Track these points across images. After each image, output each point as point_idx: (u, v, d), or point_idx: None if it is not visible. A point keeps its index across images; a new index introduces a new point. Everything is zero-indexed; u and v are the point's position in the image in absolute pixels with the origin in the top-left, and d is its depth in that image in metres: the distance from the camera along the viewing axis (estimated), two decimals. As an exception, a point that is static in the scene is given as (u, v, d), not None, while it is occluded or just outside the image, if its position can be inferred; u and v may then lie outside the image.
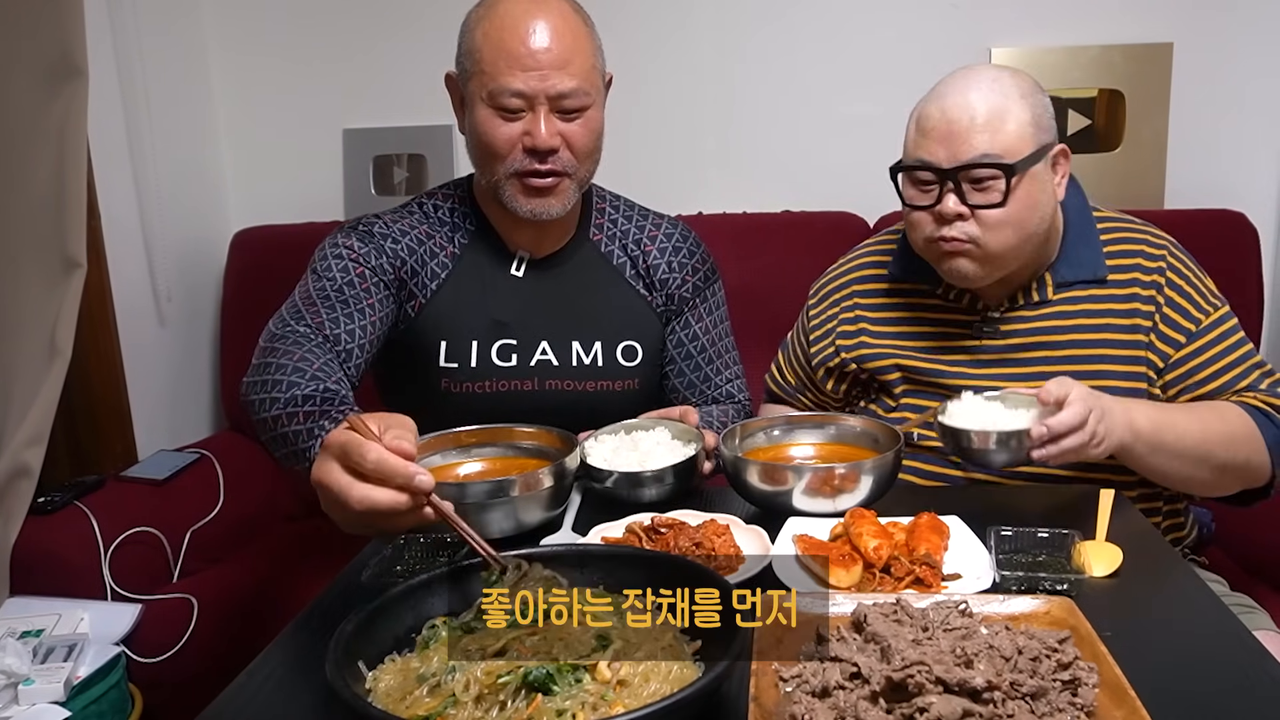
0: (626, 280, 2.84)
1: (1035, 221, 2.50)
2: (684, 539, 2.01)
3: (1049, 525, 1.99)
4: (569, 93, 2.53)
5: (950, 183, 2.45)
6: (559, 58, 2.51)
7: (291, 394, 2.24)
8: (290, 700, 1.62)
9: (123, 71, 3.94)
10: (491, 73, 2.52)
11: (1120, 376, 2.57)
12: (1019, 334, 2.63)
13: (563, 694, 1.36)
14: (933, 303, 2.76)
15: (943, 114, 2.47)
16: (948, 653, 1.39)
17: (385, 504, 1.74)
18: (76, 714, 2.71)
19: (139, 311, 4.04)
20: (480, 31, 2.55)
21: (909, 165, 2.54)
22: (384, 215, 2.78)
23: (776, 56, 4.33)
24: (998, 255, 2.49)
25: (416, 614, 1.63)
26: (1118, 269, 2.62)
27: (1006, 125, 2.42)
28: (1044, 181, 2.51)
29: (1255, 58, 4.12)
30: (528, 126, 2.54)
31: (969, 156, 2.42)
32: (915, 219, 2.57)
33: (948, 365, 2.68)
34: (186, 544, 3.47)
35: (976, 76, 2.50)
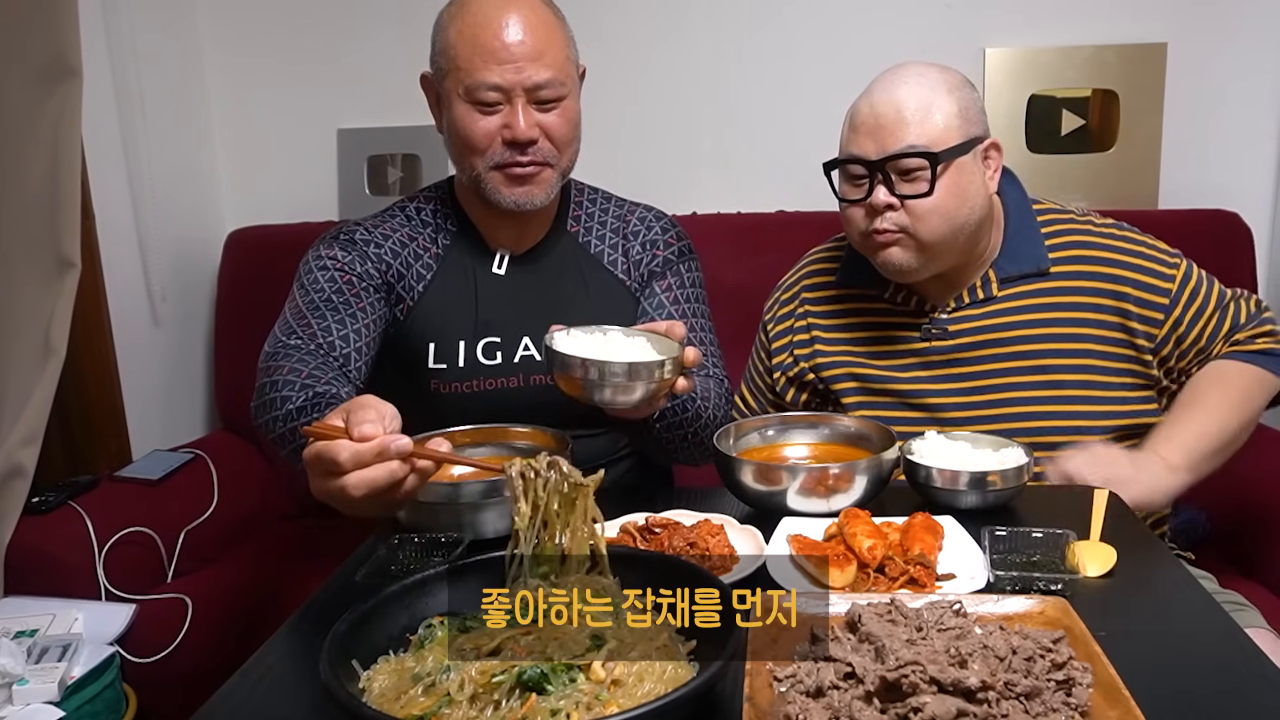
0: (605, 266, 2.84)
1: (965, 212, 2.57)
2: (678, 539, 2.01)
3: (1043, 525, 1.99)
4: (545, 83, 2.55)
5: (879, 174, 2.54)
6: (533, 50, 2.54)
7: (287, 409, 2.30)
8: (285, 700, 1.62)
9: (117, 71, 3.94)
10: (467, 68, 2.55)
11: (1067, 369, 2.64)
12: (966, 333, 2.70)
13: (557, 693, 1.36)
14: (880, 307, 2.82)
15: (871, 109, 2.57)
16: (942, 653, 1.39)
17: (384, 480, 1.80)
18: (71, 714, 2.71)
19: (133, 311, 4.04)
20: (454, 29, 2.59)
21: (840, 160, 2.66)
22: (365, 221, 2.80)
23: (771, 57, 4.33)
24: (928, 244, 2.56)
25: (411, 614, 1.63)
26: (1060, 260, 2.68)
27: (932, 117, 2.52)
28: (972, 173, 2.58)
29: (1249, 57, 4.12)
30: (506, 119, 2.56)
31: (895, 148, 2.51)
32: (849, 214, 2.66)
33: (899, 371, 2.75)
34: (181, 544, 3.47)
35: (904, 73, 2.60)
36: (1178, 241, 2.69)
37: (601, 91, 2.70)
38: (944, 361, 2.70)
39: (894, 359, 2.76)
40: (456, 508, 2.10)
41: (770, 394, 3.00)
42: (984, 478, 2.21)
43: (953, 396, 2.70)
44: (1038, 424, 2.63)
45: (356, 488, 1.79)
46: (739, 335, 3.13)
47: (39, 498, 3.22)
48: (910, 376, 2.73)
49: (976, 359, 2.68)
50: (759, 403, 3.05)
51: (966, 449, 2.37)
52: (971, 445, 2.38)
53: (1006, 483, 2.21)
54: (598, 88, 2.75)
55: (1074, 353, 2.63)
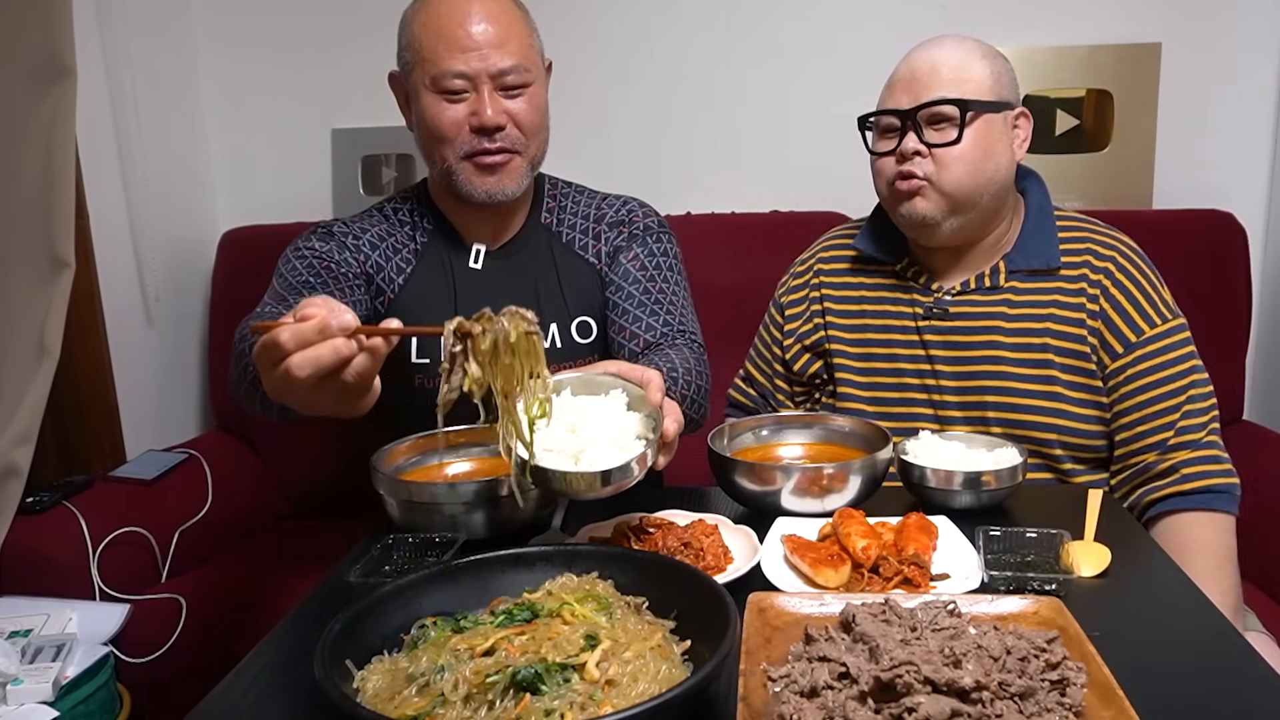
0: (576, 252, 2.87)
1: (989, 168, 2.62)
2: (672, 539, 2.01)
3: (1037, 525, 2.00)
4: (509, 69, 2.62)
5: (910, 122, 2.62)
6: (496, 37, 2.60)
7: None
8: (278, 700, 1.62)
9: (111, 72, 3.93)
10: (433, 59, 2.61)
11: (1068, 371, 2.65)
12: (966, 316, 2.73)
13: (551, 694, 1.36)
14: (890, 281, 2.86)
15: (908, 66, 2.70)
16: (936, 653, 1.39)
17: (328, 359, 1.70)
18: (65, 714, 2.71)
19: (127, 311, 4.03)
20: (418, 23, 2.65)
21: (875, 113, 2.75)
22: (344, 219, 2.87)
23: (765, 57, 4.33)
24: (951, 194, 2.61)
25: (405, 614, 1.63)
26: (1070, 264, 2.69)
27: (965, 73, 2.62)
28: (1000, 132, 2.65)
29: (1244, 57, 4.13)
30: (473, 107, 2.62)
31: (928, 97, 2.60)
32: (879, 166, 2.73)
33: (899, 347, 2.80)
34: (175, 544, 3.47)
35: (943, 38, 2.75)
36: (1172, 242, 2.71)
37: (595, 92, 2.71)
38: (940, 343, 2.73)
39: (894, 333, 2.81)
40: (451, 508, 2.10)
41: (780, 365, 3.04)
42: (978, 478, 2.21)
43: (944, 379, 2.73)
44: (1022, 416, 2.65)
45: (300, 368, 1.68)
46: (733, 335, 3.13)
47: (33, 498, 3.21)
48: (907, 353, 2.78)
49: (971, 344, 2.70)
50: (766, 378, 3.08)
51: (961, 449, 2.38)
52: (966, 445, 2.39)
53: (1000, 483, 2.21)
54: (591, 89, 2.77)
55: (1068, 352, 2.64)
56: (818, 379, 2.96)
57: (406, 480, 2.24)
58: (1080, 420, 2.63)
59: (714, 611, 1.51)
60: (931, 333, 2.74)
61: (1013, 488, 2.24)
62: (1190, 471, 2.57)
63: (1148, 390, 2.60)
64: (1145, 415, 2.60)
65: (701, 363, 2.72)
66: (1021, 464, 2.25)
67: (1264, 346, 4.15)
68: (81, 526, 3.16)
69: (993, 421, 2.67)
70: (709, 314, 3.01)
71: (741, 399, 3.15)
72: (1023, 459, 2.27)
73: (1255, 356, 4.08)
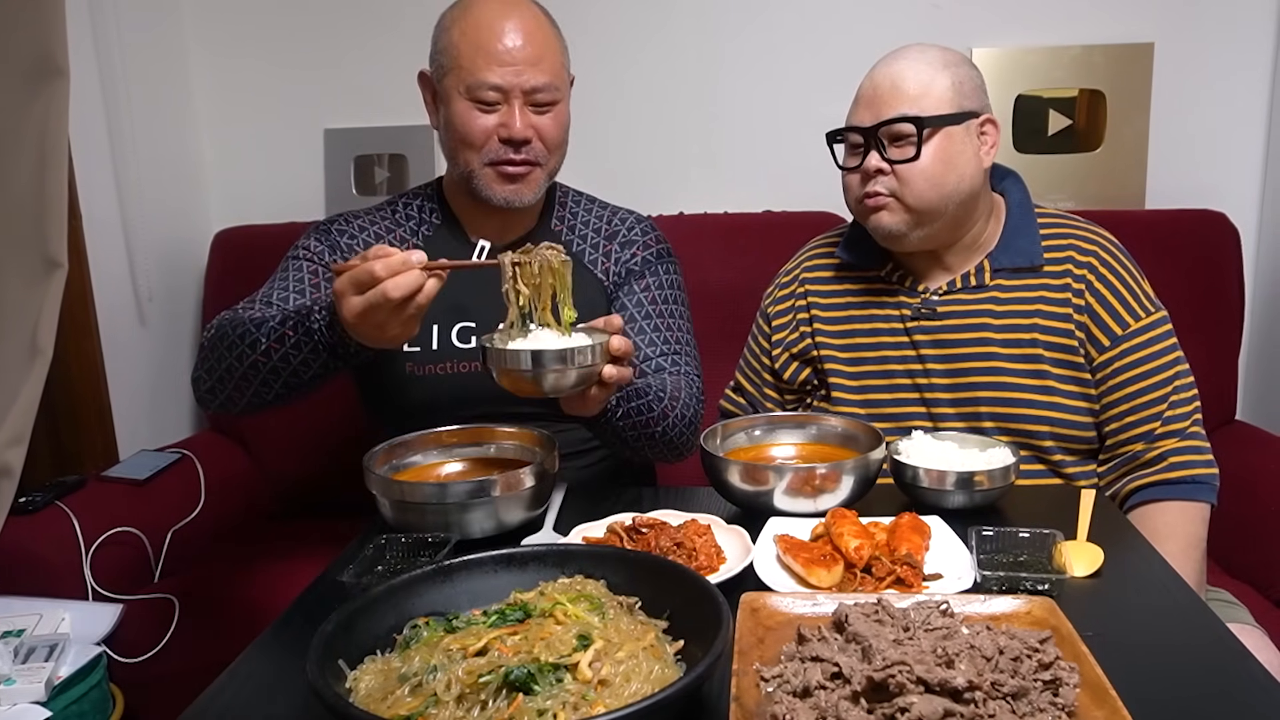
0: (585, 265, 2.89)
1: (953, 180, 2.65)
2: (665, 539, 2.01)
3: (1030, 525, 2.00)
4: (541, 87, 2.67)
5: (873, 141, 2.67)
6: (532, 55, 2.65)
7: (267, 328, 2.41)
8: (271, 700, 1.62)
9: (104, 72, 3.93)
10: (470, 68, 2.65)
11: (1056, 365, 2.68)
12: (954, 315, 2.75)
13: (544, 694, 1.36)
14: (877, 286, 2.88)
15: (871, 83, 2.72)
16: (929, 653, 1.39)
17: (413, 282, 2.09)
18: (57, 714, 2.71)
19: (120, 311, 4.03)
20: (457, 30, 2.68)
21: (839, 130, 2.80)
22: (349, 214, 2.96)
23: (757, 57, 4.33)
24: (915, 209, 2.66)
25: (398, 614, 1.63)
26: (1053, 260, 2.73)
27: (926, 89, 2.64)
28: (963, 143, 2.67)
29: (1236, 57, 4.13)
30: (503, 118, 2.67)
31: (887, 115, 2.64)
32: (847, 181, 2.79)
33: (889, 350, 2.81)
34: (168, 544, 3.47)
35: (905, 51, 2.73)
36: (1165, 241, 2.71)
37: (588, 93, 2.71)
38: (930, 341, 2.76)
39: (883, 335, 2.83)
40: (443, 508, 2.11)
41: (769, 374, 3.04)
42: (971, 478, 2.21)
43: (935, 377, 2.75)
44: (1015, 410, 2.67)
45: (396, 288, 2.07)
46: (725, 335, 3.14)
47: (26, 498, 3.21)
48: (897, 354, 2.80)
49: (960, 341, 2.72)
50: (755, 387, 3.08)
51: (953, 449, 2.38)
52: (958, 445, 2.39)
53: (993, 483, 2.21)
54: (584, 89, 2.76)
55: (1056, 346, 2.67)
56: (809, 385, 2.97)
57: (399, 480, 2.24)
58: (1072, 412, 2.66)
59: (707, 611, 1.51)
60: (921, 333, 2.76)
61: (1005, 488, 2.24)
62: (1177, 460, 2.61)
63: (1135, 382, 2.64)
64: (1133, 406, 2.64)
65: (694, 395, 2.76)
66: (1014, 464, 2.25)
67: (1256, 347, 4.16)
68: (74, 526, 3.16)
69: (985, 416, 2.69)
70: (701, 314, 3.02)
71: (732, 409, 3.14)
72: (1015, 459, 2.27)
73: (1248, 357, 4.08)
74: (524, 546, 1.86)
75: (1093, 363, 2.67)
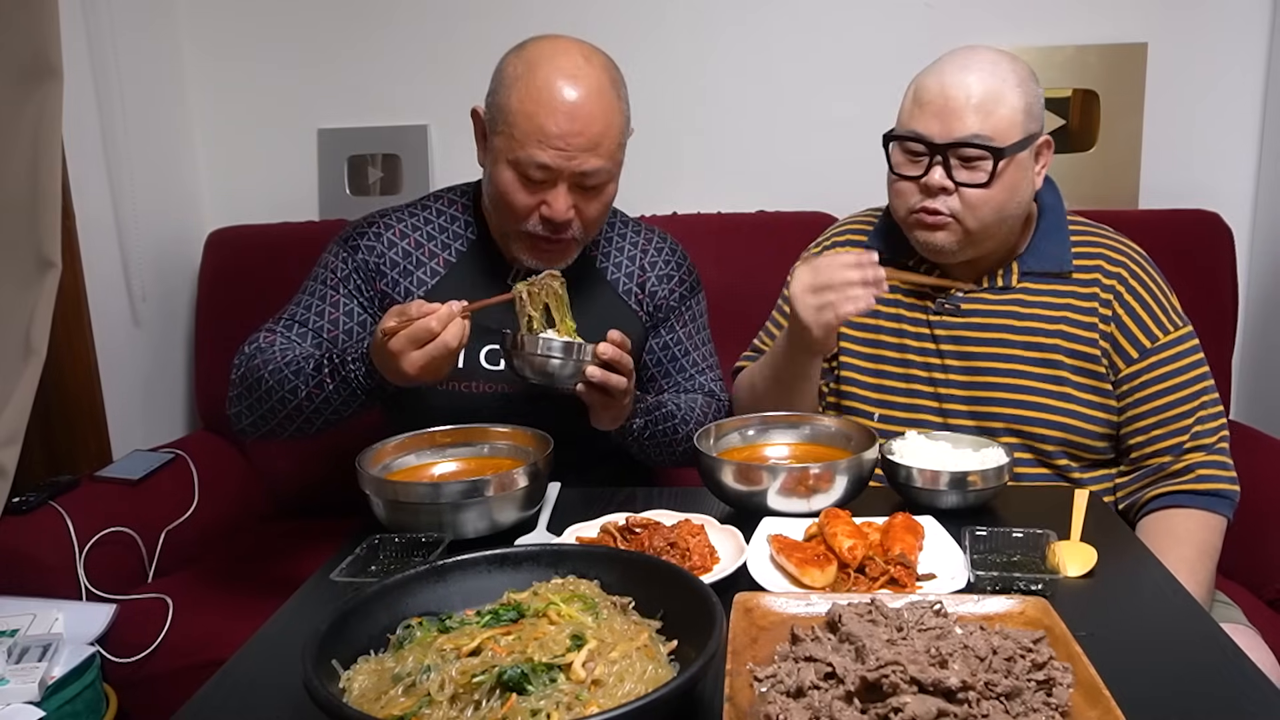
0: (620, 295, 2.88)
1: (1013, 206, 2.60)
2: (658, 539, 2.01)
3: (1024, 525, 2.01)
4: (593, 172, 2.59)
5: (939, 157, 2.55)
6: (589, 141, 2.56)
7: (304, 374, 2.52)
8: (265, 700, 1.62)
9: (97, 71, 3.92)
10: (521, 141, 2.55)
11: (1077, 372, 2.65)
12: (978, 314, 2.73)
13: (537, 694, 1.36)
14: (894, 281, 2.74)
15: (940, 89, 2.56)
16: (922, 653, 1.39)
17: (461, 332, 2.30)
18: (51, 714, 2.70)
19: (114, 311, 4.03)
20: (516, 95, 2.57)
21: (902, 135, 2.63)
22: (387, 216, 2.88)
23: (751, 57, 4.33)
24: (974, 232, 2.59)
25: (391, 614, 1.63)
26: (1082, 267, 2.69)
27: (1000, 109, 2.52)
28: (1026, 169, 2.60)
29: (1230, 57, 4.13)
30: (546, 197, 2.60)
31: (961, 134, 2.52)
32: (901, 188, 2.66)
33: (910, 339, 2.78)
34: (161, 544, 3.46)
35: (977, 57, 2.59)
36: (1159, 241, 2.71)
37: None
38: (950, 338, 2.74)
39: (905, 323, 2.80)
40: (437, 508, 2.11)
41: None
42: (964, 478, 2.21)
43: (953, 373, 2.73)
44: (1030, 414, 2.65)
45: (453, 338, 2.28)
46: (718, 334, 3.12)
47: (19, 498, 3.20)
48: (918, 346, 2.77)
49: (981, 340, 2.71)
50: None
51: (947, 449, 2.38)
52: (952, 445, 2.39)
53: (987, 483, 2.22)
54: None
55: (1079, 355, 2.65)
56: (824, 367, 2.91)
57: (392, 480, 2.25)
58: (1088, 421, 2.64)
59: (700, 611, 1.51)
60: (942, 328, 2.74)
61: (999, 487, 2.24)
62: (1204, 473, 2.60)
63: (1163, 396, 2.62)
64: (1160, 420, 2.62)
65: (710, 411, 2.83)
66: (1008, 464, 2.25)
67: (1250, 347, 4.16)
68: (68, 527, 3.16)
69: (998, 418, 2.67)
70: (696, 313, 3.02)
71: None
72: (1009, 459, 2.27)
73: (1241, 357, 4.08)
74: (517, 546, 1.85)
75: (1117, 374, 2.65)
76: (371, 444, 2.39)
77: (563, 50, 2.63)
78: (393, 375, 2.35)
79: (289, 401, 2.52)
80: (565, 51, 2.63)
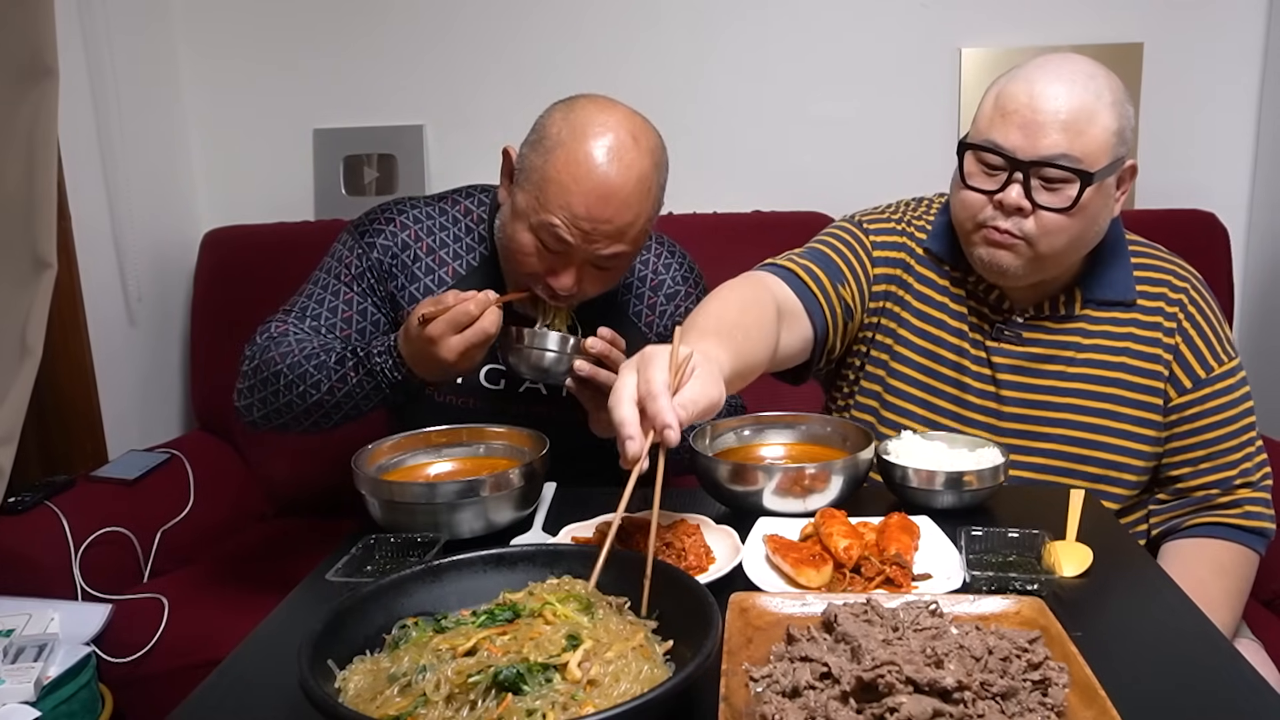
0: (629, 318, 2.84)
1: (1091, 235, 2.44)
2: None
3: (1019, 525, 2.00)
4: (611, 256, 2.51)
5: (1020, 174, 2.33)
6: (616, 230, 2.46)
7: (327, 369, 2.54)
8: (261, 700, 1.61)
9: (93, 72, 3.93)
10: (547, 207, 2.44)
11: (1134, 405, 2.54)
12: (1039, 344, 2.57)
13: (533, 694, 1.36)
14: (958, 292, 2.64)
15: (1029, 99, 2.33)
16: (918, 653, 1.39)
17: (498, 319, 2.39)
18: (47, 714, 2.71)
19: (109, 312, 4.03)
20: (553, 161, 2.45)
21: (979, 145, 2.40)
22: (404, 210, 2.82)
23: (746, 56, 4.34)
24: (1045, 258, 2.40)
25: (387, 613, 1.63)
26: (1145, 295, 2.56)
27: (1092, 129, 2.30)
28: (1108, 196, 2.42)
29: (1225, 58, 4.14)
30: (556, 266, 2.52)
31: (1048, 152, 2.30)
32: (969, 199, 2.44)
33: (967, 358, 2.61)
34: (157, 544, 3.47)
35: (1070, 67, 2.35)
36: (1154, 241, 2.68)
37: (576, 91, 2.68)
38: (1009, 367, 2.58)
39: (965, 341, 2.62)
40: (432, 507, 2.10)
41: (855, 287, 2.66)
42: (960, 478, 2.21)
43: (1008, 405, 2.59)
44: (1083, 451, 2.55)
45: (491, 324, 2.36)
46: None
47: (15, 498, 3.21)
48: (975, 370, 2.61)
49: (1043, 372, 2.57)
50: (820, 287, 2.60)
51: (942, 449, 2.37)
52: (947, 445, 2.39)
53: (982, 483, 2.21)
54: (572, 88, 2.75)
55: (1140, 387, 2.54)
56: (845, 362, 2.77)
57: (388, 480, 2.23)
58: (1136, 456, 2.54)
59: (696, 612, 1.51)
60: (1001, 355, 2.58)
61: (994, 488, 2.23)
62: (1252, 510, 2.54)
63: (1214, 429, 2.53)
64: (1210, 454, 2.53)
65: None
66: (1003, 464, 2.24)
67: (1245, 347, 4.16)
68: (63, 526, 3.16)
69: (1050, 452, 2.56)
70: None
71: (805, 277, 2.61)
72: (1004, 459, 2.26)
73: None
74: (513, 546, 1.85)
75: (1168, 403, 2.54)
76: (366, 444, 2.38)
77: (614, 125, 2.48)
78: (426, 365, 2.41)
79: (310, 396, 2.52)
80: (616, 127, 2.48)
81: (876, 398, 2.71)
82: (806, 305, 2.54)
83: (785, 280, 2.56)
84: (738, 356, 2.00)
